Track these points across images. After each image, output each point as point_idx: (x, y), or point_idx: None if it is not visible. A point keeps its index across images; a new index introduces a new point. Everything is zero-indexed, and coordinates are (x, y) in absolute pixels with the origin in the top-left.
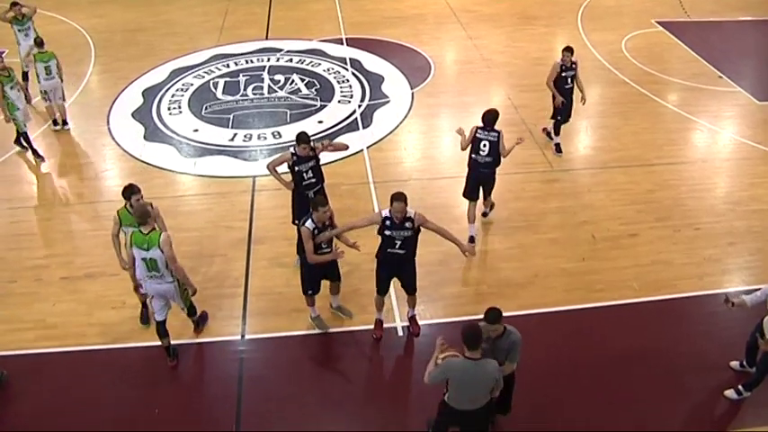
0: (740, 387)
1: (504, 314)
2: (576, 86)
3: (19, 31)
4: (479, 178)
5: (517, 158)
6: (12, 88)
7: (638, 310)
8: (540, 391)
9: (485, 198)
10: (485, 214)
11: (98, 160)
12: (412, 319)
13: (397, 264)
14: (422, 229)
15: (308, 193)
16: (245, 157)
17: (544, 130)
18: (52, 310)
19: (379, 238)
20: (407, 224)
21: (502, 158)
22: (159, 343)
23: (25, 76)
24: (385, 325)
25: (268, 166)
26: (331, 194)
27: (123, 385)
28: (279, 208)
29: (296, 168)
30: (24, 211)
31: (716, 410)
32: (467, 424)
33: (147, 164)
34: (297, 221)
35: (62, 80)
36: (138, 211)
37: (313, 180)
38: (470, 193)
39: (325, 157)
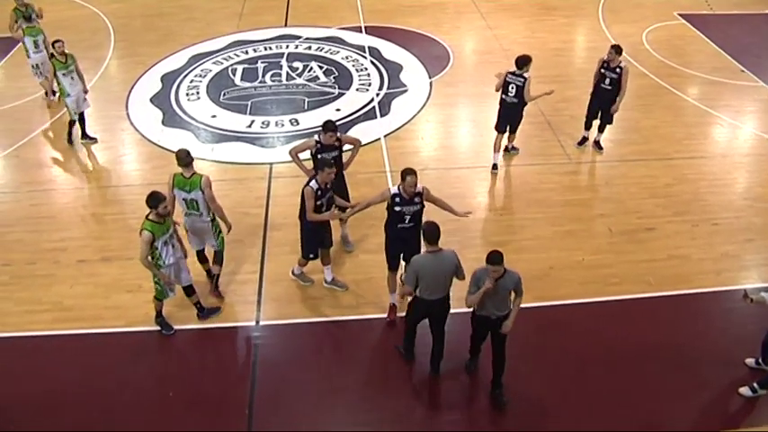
0: (755, 384)
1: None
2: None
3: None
4: (507, 116)
5: (535, 150)
6: (65, 75)
7: (654, 305)
8: (553, 384)
9: (511, 133)
10: (507, 149)
11: (116, 145)
12: None
13: (405, 239)
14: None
15: None
16: (263, 144)
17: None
18: (69, 292)
19: (387, 215)
20: (416, 199)
21: (527, 101)
22: (174, 327)
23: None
24: (399, 315)
25: (290, 152)
26: (348, 183)
27: (138, 368)
28: (295, 195)
29: (319, 156)
30: (43, 194)
31: (730, 407)
32: (435, 312)
33: (165, 149)
34: (302, 219)
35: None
36: (181, 155)
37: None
38: (499, 127)
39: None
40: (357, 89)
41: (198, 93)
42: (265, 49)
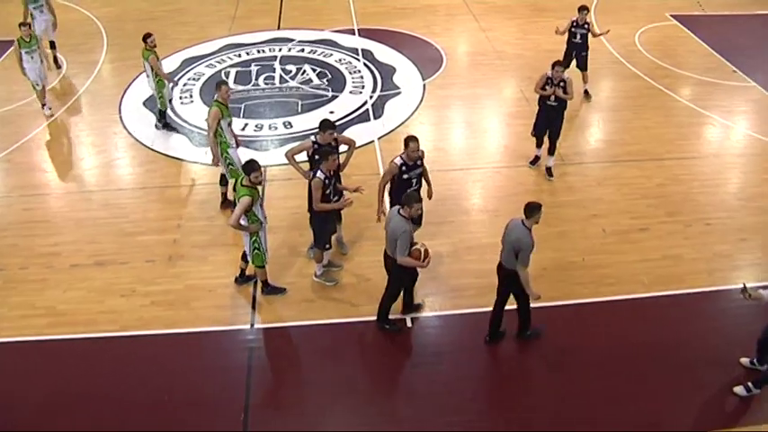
0: (750, 384)
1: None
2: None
3: (34, 8)
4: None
5: (528, 152)
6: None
7: (648, 305)
8: (549, 385)
9: (581, 69)
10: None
11: (110, 148)
12: None
13: None
14: None
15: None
16: (256, 147)
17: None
18: (63, 296)
19: (392, 185)
20: (419, 162)
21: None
22: (168, 331)
23: (52, 44)
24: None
25: (287, 154)
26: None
27: (132, 372)
28: (290, 198)
29: (316, 157)
30: (37, 198)
31: (725, 407)
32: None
33: (159, 153)
34: (312, 211)
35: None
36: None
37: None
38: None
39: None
40: (350, 92)
41: (191, 96)
42: (258, 52)
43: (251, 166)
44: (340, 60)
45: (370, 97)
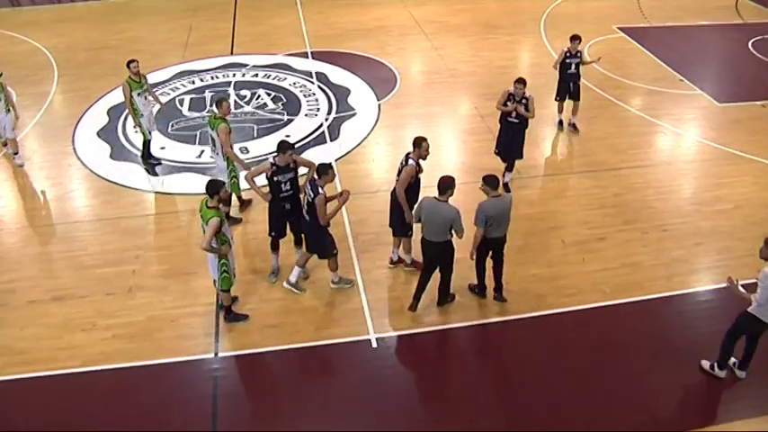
0: (714, 364)
1: (477, 322)
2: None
3: None
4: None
5: (485, 167)
6: (139, 95)
7: (610, 313)
8: (514, 398)
9: (574, 100)
10: (573, 125)
11: (64, 181)
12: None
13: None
14: None
15: (284, 204)
16: (214, 174)
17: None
18: (20, 334)
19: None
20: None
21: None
22: (131, 364)
23: None
24: (358, 338)
25: (246, 177)
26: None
27: (95, 408)
28: (250, 223)
29: (275, 179)
30: None
31: (690, 407)
32: (437, 255)
33: (115, 183)
34: (273, 233)
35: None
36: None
37: (290, 192)
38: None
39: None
40: (306, 114)
41: None
42: (212, 78)
43: (215, 187)
44: (294, 84)
45: (326, 119)
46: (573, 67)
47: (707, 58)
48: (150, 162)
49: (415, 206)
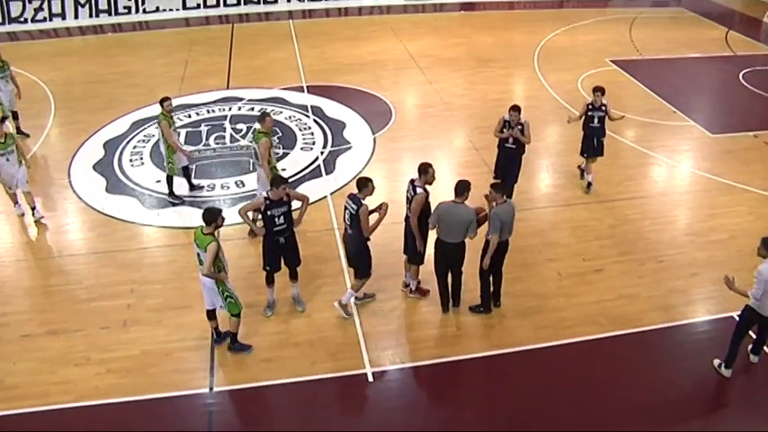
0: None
1: (474, 355)
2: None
3: (1, 77)
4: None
5: (480, 200)
6: (174, 131)
7: (607, 345)
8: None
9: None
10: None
11: (59, 214)
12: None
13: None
14: None
15: (278, 238)
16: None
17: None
18: (13, 369)
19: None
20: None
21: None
22: (125, 399)
23: (15, 115)
24: (354, 372)
25: (240, 211)
26: (298, 241)
27: None
28: (245, 257)
29: (268, 213)
30: None
31: None
32: (451, 255)
33: (110, 216)
34: (268, 267)
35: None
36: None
37: (284, 225)
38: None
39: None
40: (302, 148)
41: (142, 158)
42: (208, 111)
43: (212, 215)
44: (290, 117)
45: (321, 153)
46: (596, 120)
47: (699, 90)
48: (174, 196)
49: (431, 214)
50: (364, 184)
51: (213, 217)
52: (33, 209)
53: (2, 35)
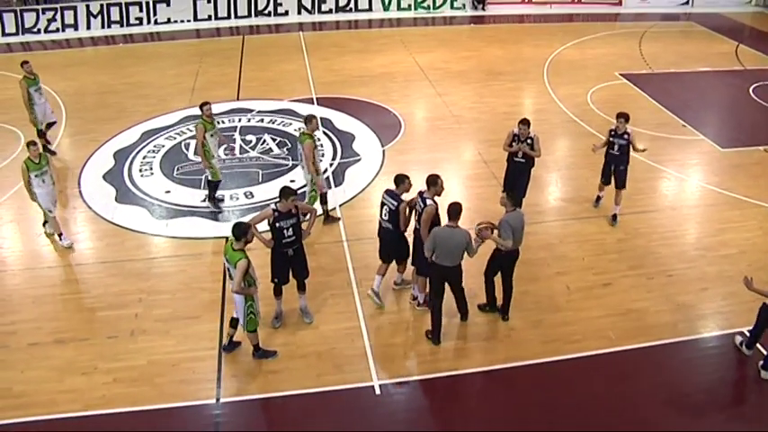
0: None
1: (483, 368)
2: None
3: (35, 90)
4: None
5: (489, 213)
6: (212, 136)
7: (616, 360)
8: None
9: (617, 187)
10: (614, 216)
11: (69, 223)
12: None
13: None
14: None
15: (287, 251)
16: (218, 218)
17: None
18: (20, 377)
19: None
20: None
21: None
22: (131, 409)
23: (49, 126)
24: (361, 384)
25: (248, 224)
26: (306, 253)
27: None
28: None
29: (276, 225)
30: None
31: None
32: (450, 276)
33: (119, 226)
34: (276, 280)
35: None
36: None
37: (293, 238)
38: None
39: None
40: None
41: (151, 168)
42: (218, 122)
43: (241, 231)
44: (299, 129)
45: (331, 165)
46: (615, 148)
47: (708, 104)
48: (215, 200)
49: (426, 241)
50: (401, 180)
51: (242, 232)
52: (60, 235)
53: (15, 45)
